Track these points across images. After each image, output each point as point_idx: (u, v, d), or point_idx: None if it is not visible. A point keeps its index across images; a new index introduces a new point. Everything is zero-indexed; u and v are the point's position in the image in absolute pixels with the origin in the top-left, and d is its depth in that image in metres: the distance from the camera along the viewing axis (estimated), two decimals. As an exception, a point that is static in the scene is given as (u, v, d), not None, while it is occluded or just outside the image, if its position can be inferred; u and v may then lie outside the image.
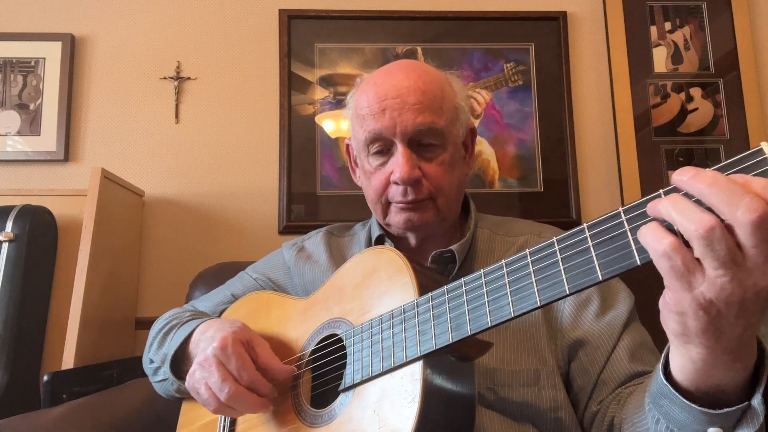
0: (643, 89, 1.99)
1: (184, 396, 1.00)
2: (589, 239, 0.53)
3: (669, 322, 0.50)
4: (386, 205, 0.94)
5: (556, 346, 0.87)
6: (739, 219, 0.43)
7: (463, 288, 0.63)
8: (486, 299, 0.60)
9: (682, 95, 1.99)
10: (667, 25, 2.03)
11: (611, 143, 1.98)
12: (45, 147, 1.91)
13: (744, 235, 0.43)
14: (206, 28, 2.01)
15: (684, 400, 0.55)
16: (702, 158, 1.94)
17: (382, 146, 0.91)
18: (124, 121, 1.95)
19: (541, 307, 0.55)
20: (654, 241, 0.46)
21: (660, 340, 0.97)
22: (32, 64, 1.95)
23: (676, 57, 2.01)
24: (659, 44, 2.02)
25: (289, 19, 2.00)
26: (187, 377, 0.82)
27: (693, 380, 0.54)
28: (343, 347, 0.78)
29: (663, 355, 0.58)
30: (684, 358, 0.53)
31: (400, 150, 0.89)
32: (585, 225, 0.53)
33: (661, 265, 0.47)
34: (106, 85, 1.97)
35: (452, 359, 0.68)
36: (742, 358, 0.51)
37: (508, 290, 0.58)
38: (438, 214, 0.93)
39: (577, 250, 0.53)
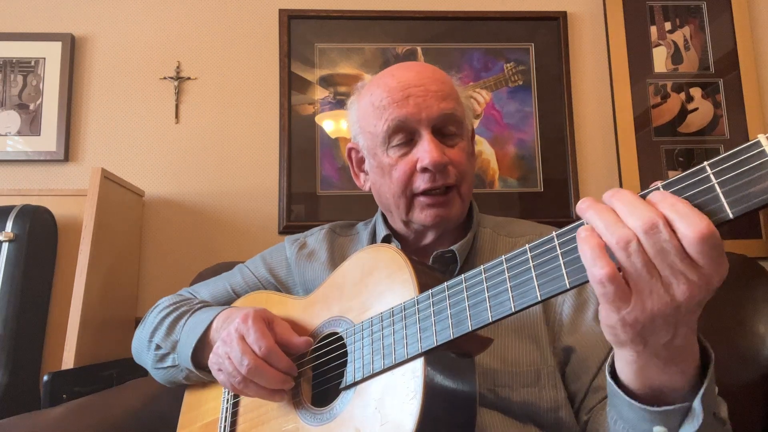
0: (643, 89, 1.99)
1: (190, 382, 1.01)
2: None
3: (604, 331, 0.55)
4: (410, 199, 0.92)
5: (554, 348, 0.88)
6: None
7: (464, 284, 0.63)
8: (486, 294, 0.60)
9: (682, 95, 1.99)
10: (667, 25, 2.03)
11: (611, 143, 1.98)
12: (45, 147, 1.91)
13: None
14: (206, 28, 2.01)
15: (625, 396, 0.58)
16: (702, 158, 1.92)
17: (405, 137, 0.90)
18: (124, 121, 1.95)
19: (542, 301, 0.55)
20: (591, 264, 0.50)
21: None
22: (32, 64, 1.95)
23: (676, 57, 2.01)
24: (659, 44, 2.02)
25: (289, 19, 2.00)
26: (211, 355, 0.84)
27: (631, 380, 0.57)
28: (344, 345, 0.78)
29: (610, 356, 0.61)
30: (622, 360, 0.57)
31: (426, 137, 0.88)
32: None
33: (595, 289, 0.51)
34: (106, 85, 1.97)
35: (453, 356, 0.68)
36: (676, 363, 0.54)
37: (509, 285, 0.58)
38: (462, 204, 0.93)
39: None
